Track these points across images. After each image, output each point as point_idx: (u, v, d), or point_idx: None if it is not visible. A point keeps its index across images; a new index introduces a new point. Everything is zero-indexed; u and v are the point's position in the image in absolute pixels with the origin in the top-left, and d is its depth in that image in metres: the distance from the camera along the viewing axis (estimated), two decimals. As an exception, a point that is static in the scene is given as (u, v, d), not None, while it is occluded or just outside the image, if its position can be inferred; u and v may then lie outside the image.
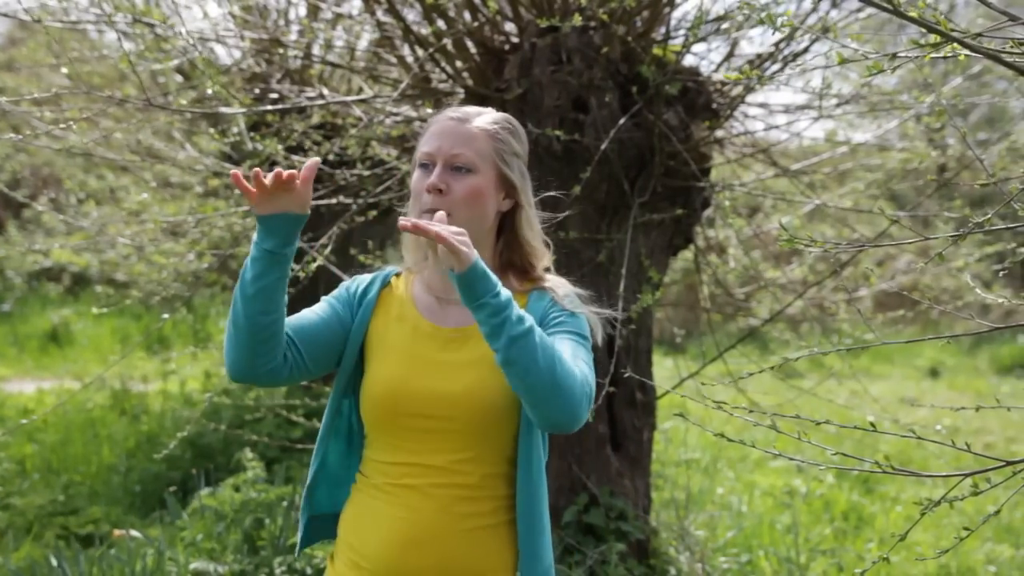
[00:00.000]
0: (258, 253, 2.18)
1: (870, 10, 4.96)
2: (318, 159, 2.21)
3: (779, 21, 2.28)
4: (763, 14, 2.30)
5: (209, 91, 4.60)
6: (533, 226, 2.43)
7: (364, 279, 2.51)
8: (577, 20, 4.19)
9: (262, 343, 2.21)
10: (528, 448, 2.33)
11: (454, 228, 2.06)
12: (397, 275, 2.52)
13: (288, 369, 2.30)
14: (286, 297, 2.25)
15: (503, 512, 2.35)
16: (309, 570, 4.71)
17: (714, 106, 5.00)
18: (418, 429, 2.31)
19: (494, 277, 2.09)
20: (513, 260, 2.44)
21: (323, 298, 2.47)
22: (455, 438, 2.31)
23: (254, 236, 2.21)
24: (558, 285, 2.43)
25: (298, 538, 2.57)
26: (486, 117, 2.39)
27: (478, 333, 2.31)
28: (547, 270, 2.49)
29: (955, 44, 2.09)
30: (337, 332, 2.40)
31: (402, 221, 2.03)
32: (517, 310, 2.09)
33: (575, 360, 2.22)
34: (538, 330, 2.12)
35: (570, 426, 2.14)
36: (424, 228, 2.01)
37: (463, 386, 2.30)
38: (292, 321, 2.34)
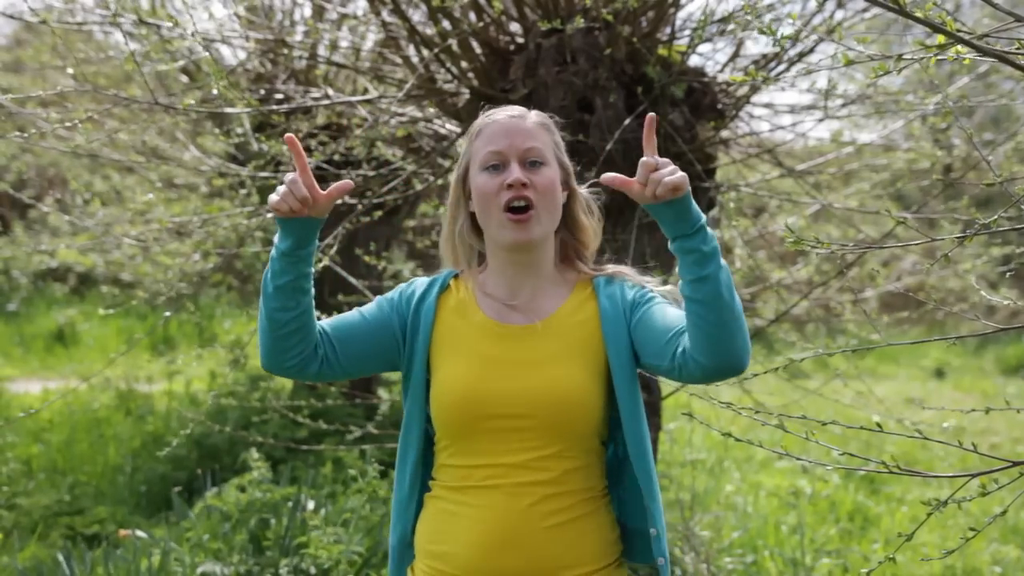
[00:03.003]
0: (275, 253, 2.24)
1: (876, 10, 4.95)
2: (351, 183, 2.23)
3: (779, 32, 2.28)
4: (763, 24, 2.30)
5: (214, 92, 4.60)
6: (586, 208, 2.48)
7: (422, 283, 2.49)
8: (579, 22, 4.19)
9: (284, 338, 2.26)
10: (634, 418, 2.33)
11: (664, 171, 2.09)
12: (455, 277, 2.50)
13: (319, 364, 2.32)
14: (310, 296, 2.27)
15: (584, 504, 2.34)
16: (313, 570, 4.71)
17: (719, 106, 5.00)
18: (497, 430, 2.30)
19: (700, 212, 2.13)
20: (567, 250, 2.48)
21: (376, 298, 2.48)
22: (535, 436, 2.29)
23: (275, 239, 2.25)
24: (627, 272, 2.46)
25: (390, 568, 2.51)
26: (534, 112, 2.44)
27: (546, 329, 2.35)
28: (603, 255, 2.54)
29: (961, 45, 2.09)
30: (379, 333, 2.39)
31: (606, 176, 2.13)
32: (710, 234, 2.13)
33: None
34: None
35: (745, 361, 2.16)
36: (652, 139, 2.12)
37: (541, 382, 2.29)
38: (334, 318, 2.38)
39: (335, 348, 2.34)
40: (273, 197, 2.18)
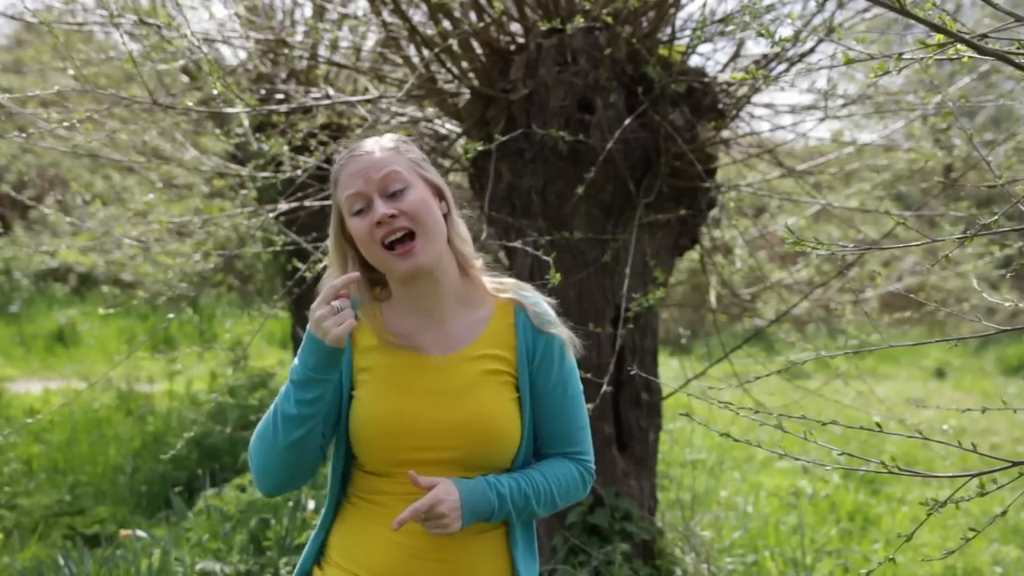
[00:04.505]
0: (300, 377, 2.22)
1: (876, 10, 4.95)
2: (356, 274, 2.20)
3: (778, 33, 2.28)
4: (761, 27, 2.30)
5: (214, 92, 4.60)
6: (461, 231, 2.40)
7: None
8: (579, 22, 4.19)
9: (308, 462, 2.31)
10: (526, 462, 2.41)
11: (430, 498, 2.16)
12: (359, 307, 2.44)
13: (320, 461, 2.36)
14: (322, 425, 2.28)
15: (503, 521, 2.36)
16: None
17: (720, 106, 5.00)
18: (419, 460, 2.28)
19: (486, 494, 2.24)
20: (463, 266, 2.42)
21: None
22: (455, 464, 2.29)
23: (312, 367, 2.21)
24: (528, 299, 2.42)
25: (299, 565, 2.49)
26: (383, 140, 2.37)
27: (464, 358, 2.34)
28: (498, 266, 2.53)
29: (961, 45, 2.09)
30: (336, 388, 2.36)
31: (394, 525, 2.15)
32: (515, 494, 2.29)
33: (579, 437, 2.44)
34: (542, 491, 2.33)
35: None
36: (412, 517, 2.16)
37: (464, 414, 2.28)
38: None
39: (327, 439, 2.37)
40: (346, 325, 2.15)
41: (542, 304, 2.42)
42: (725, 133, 5.26)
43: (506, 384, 2.34)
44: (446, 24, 4.65)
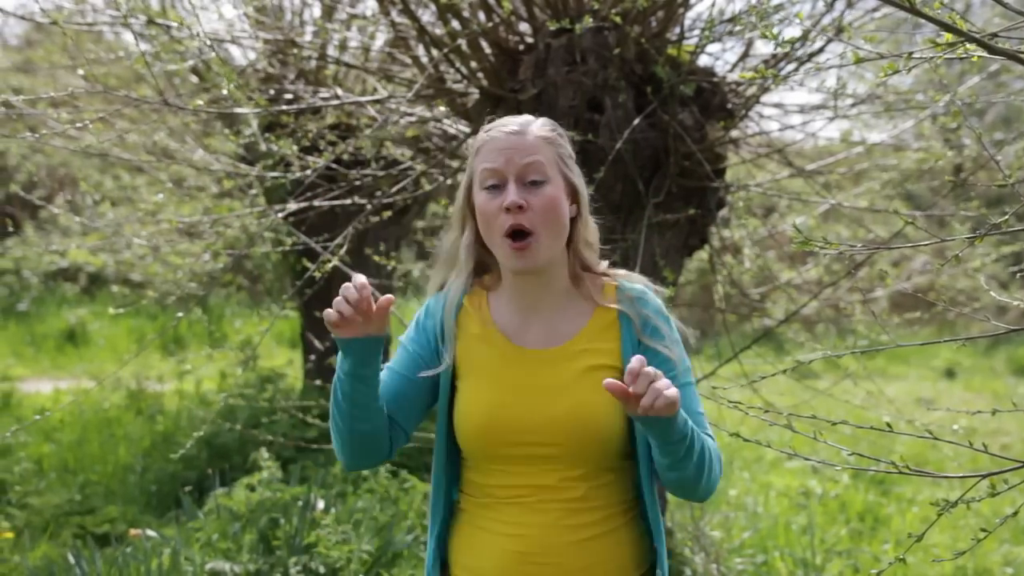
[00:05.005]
0: (341, 374, 2.21)
1: (886, 9, 4.95)
2: (392, 297, 2.18)
3: (783, 35, 2.28)
4: (766, 28, 2.29)
5: (224, 92, 4.60)
6: (589, 236, 2.39)
7: (435, 307, 2.42)
8: (588, 22, 4.19)
9: (370, 446, 2.29)
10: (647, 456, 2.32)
11: (663, 382, 2.01)
12: (466, 294, 2.43)
13: (395, 443, 2.35)
14: (381, 404, 2.27)
15: (611, 519, 2.32)
16: (323, 569, 4.72)
17: (729, 106, 4.99)
18: (520, 456, 2.28)
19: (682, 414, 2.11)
20: (578, 269, 2.40)
21: (400, 342, 2.42)
22: (559, 461, 2.27)
23: (337, 359, 2.22)
24: (631, 297, 2.37)
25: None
26: (538, 123, 2.33)
27: (567, 352, 2.31)
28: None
29: (971, 44, 2.09)
30: (422, 381, 2.36)
31: (607, 383, 2.00)
32: (693, 433, 2.15)
33: (701, 422, 2.30)
34: (704, 443, 2.21)
35: (703, 499, 2.33)
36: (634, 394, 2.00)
37: (563, 409, 2.25)
38: (388, 400, 2.33)
39: (398, 424, 2.35)
40: (330, 314, 2.13)
41: (652, 302, 2.37)
42: (734, 133, 5.26)
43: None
44: (455, 24, 4.65)
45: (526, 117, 2.37)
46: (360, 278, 2.14)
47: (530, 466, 2.27)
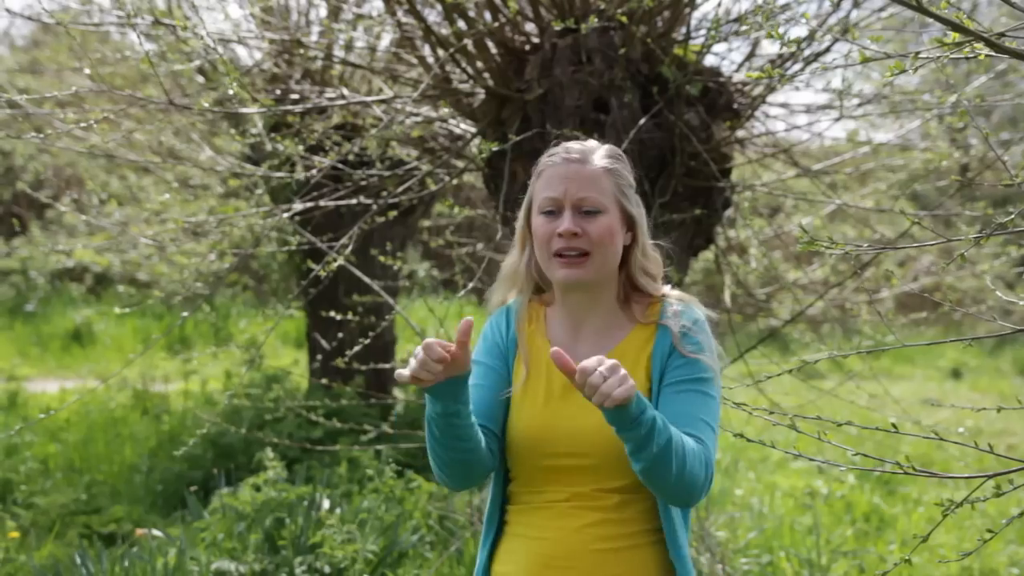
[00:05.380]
0: (435, 415, 2.21)
1: (892, 9, 4.94)
2: (471, 319, 2.18)
3: (788, 34, 2.28)
4: (771, 28, 2.29)
5: (230, 92, 4.61)
6: (649, 256, 2.44)
7: (500, 321, 2.48)
8: (593, 21, 4.19)
9: (473, 467, 2.30)
10: None
11: (608, 363, 2.02)
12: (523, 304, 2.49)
13: (493, 453, 2.36)
14: (477, 429, 2.27)
15: (638, 536, 2.32)
16: (328, 569, 4.72)
17: (735, 106, 4.99)
18: (560, 467, 2.31)
19: (642, 401, 2.09)
20: (628, 290, 2.44)
21: (477, 361, 2.44)
22: (596, 472, 2.30)
23: (427, 401, 2.22)
24: (676, 311, 2.39)
25: None
26: (600, 152, 2.38)
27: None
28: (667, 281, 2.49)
29: (978, 43, 2.08)
30: (502, 381, 2.41)
31: (553, 351, 2.04)
32: (658, 424, 2.11)
33: (698, 426, 2.26)
34: (675, 436, 2.15)
35: (690, 504, 2.28)
36: (569, 366, 2.03)
37: (593, 422, 2.25)
38: (477, 414, 2.34)
39: (496, 436, 2.37)
40: (411, 368, 2.12)
41: (688, 313, 2.39)
42: (740, 133, 5.25)
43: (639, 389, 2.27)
44: (461, 24, 4.65)
45: (590, 144, 2.42)
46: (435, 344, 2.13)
47: (568, 476, 2.31)
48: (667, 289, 2.47)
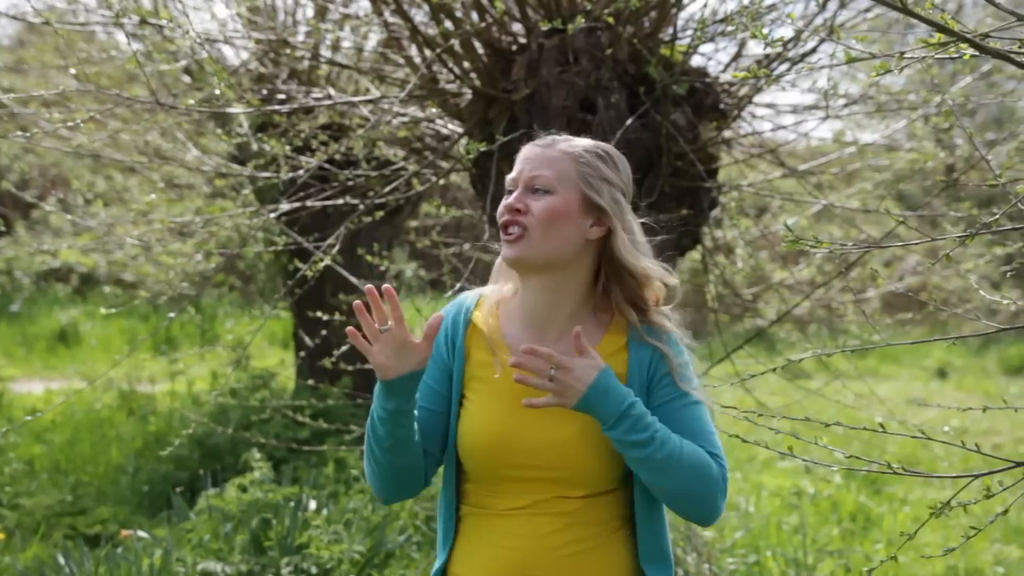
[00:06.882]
0: (385, 414, 2.20)
1: (878, 10, 4.95)
2: (442, 315, 2.20)
3: (772, 35, 2.28)
4: (756, 28, 2.30)
5: (216, 92, 4.60)
6: (633, 251, 2.33)
7: (448, 318, 2.41)
8: (580, 22, 4.19)
9: (407, 479, 2.30)
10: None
11: (561, 361, 2.08)
12: (477, 302, 2.42)
13: (428, 472, 2.35)
14: (417, 435, 2.27)
15: (604, 535, 2.31)
16: (315, 570, 4.71)
17: (722, 106, 5.00)
18: (519, 478, 2.27)
19: (620, 391, 2.12)
20: (624, 295, 2.36)
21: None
22: (556, 483, 2.27)
23: (376, 393, 2.21)
24: (668, 327, 2.36)
25: None
26: (575, 142, 2.34)
27: None
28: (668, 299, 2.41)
29: (963, 44, 2.09)
30: (445, 409, 2.36)
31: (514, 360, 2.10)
32: (649, 416, 2.14)
33: (709, 439, 2.25)
34: (676, 442, 2.16)
35: (708, 522, 2.26)
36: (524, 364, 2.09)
37: (565, 436, 2.24)
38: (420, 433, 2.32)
39: (430, 453, 2.35)
40: (376, 359, 2.15)
41: (670, 325, 2.38)
42: (727, 133, 5.26)
43: None
44: (448, 24, 4.65)
45: (576, 139, 2.38)
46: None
47: (527, 484, 2.27)
48: (665, 311, 2.39)
